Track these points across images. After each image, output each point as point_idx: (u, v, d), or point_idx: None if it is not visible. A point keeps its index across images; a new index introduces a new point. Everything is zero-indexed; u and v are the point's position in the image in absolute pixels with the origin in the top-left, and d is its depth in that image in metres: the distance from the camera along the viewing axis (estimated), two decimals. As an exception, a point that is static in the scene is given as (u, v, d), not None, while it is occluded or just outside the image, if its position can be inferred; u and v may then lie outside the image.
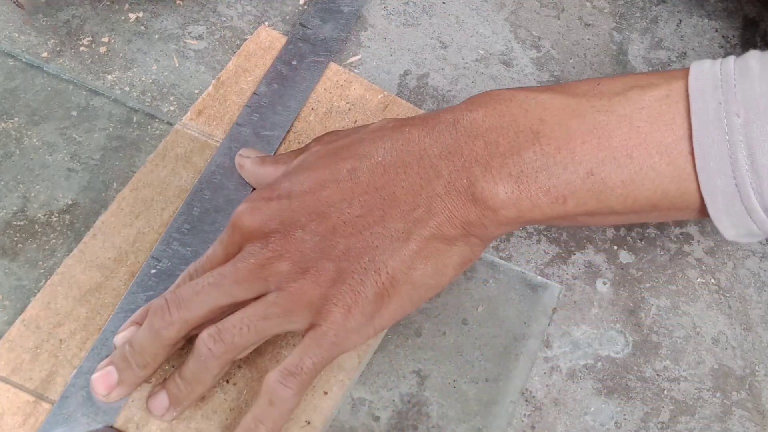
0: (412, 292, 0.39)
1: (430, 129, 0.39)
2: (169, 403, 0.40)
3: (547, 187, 0.37)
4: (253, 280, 0.39)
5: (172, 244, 0.46)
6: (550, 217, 0.38)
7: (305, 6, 0.58)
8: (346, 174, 0.40)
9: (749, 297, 0.50)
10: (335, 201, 0.39)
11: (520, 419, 0.45)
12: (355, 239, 0.38)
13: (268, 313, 0.39)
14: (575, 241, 0.51)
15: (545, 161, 0.37)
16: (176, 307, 0.39)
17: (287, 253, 0.39)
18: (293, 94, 0.53)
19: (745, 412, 0.46)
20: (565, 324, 0.48)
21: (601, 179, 0.37)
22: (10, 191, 0.48)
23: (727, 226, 0.37)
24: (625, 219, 0.39)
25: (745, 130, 0.35)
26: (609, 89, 0.38)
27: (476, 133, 0.38)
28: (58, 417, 0.41)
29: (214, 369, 0.39)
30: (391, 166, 0.39)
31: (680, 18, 0.61)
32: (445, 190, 0.38)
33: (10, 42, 0.53)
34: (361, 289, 0.38)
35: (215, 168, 0.49)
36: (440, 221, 0.38)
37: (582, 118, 0.37)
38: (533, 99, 0.38)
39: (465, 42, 0.58)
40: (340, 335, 0.38)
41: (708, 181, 0.36)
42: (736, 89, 0.35)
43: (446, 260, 0.39)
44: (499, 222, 0.38)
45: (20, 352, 0.42)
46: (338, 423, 0.44)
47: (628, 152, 0.36)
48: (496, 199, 0.37)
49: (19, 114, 0.50)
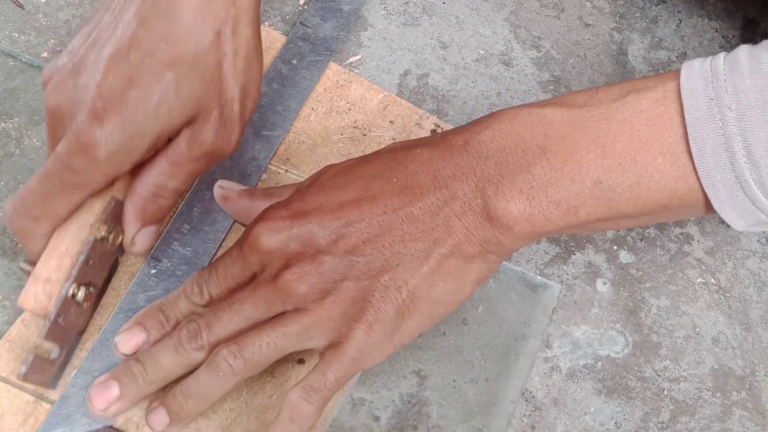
0: (432, 309, 0.40)
1: (442, 151, 0.40)
2: (170, 420, 0.40)
3: (557, 201, 0.37)
4: (274, 302, 0.39)
5: (172, 244, 0.46)
6: (564, 228, 0.39)
7: (305, 6, 0.58)
8: (363, 194, 0.40)
9: (749, 297, 0.50)
10: (354, 221, 0.39)
11: (520, 419, 0.45)
12: (374, 258, 0.39)
13: (288, 331, 0.39)
14: (575, 241, 0.51)
15: (553, 175, 0.37)
16: (207, 331, 0.40)
17: (307, 275, 0.39)
18: (293, 93, 0.53)
19: (745, 412, 0.46)
20: (565, 324, 0.48)
21: (608, 186, 0.37)
22: (10, 191, 0.48)
23: (735, 217, 0.37)
24: (638, 221, 0.40)
25: (739, 123, 0.35)
26: (607, 96, 0.38)
27: (487, 155, 0.39)
28: (58, 417, 0.41)
29: (229, 386, 0.40)
30: (408, 188, 0.40)
31: (680, 18, 0.61)
32: (461, 210, 0.39)
33: (10, 42, 0.53)
34: (382, 306, 0.39)
35: (215, 168, 0.49)
36: (458, 240, 0.39)
37: (584, 129, 0.38)
38: (536, 115, 0.39)
39: (465, 42, 0.58)
40: (362, 352, 0.39)
41: (708, 176, 0.36)
42: (727, 84, 0.36)
43: (465, 277, 0.40)
44: (515, 238, 0.39)
45: (20, 352, 0.42)
46: (338, 423, 0.44)
47: (631, 157, 0.37)
48: (509, 217, 0.38)
49: (19, 114, 0.50)
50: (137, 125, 0.39)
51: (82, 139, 0.38)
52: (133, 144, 0.39)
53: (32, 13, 0.55)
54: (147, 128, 0.39)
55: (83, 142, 0.38)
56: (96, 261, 0.42)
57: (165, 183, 0.42)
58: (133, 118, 0.38)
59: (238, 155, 0.50)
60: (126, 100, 0.38)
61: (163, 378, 0.41)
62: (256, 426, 0.42)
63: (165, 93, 0.39)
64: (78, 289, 0.41)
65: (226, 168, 0.49)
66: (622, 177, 0.37)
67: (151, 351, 0.41)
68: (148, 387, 0.40)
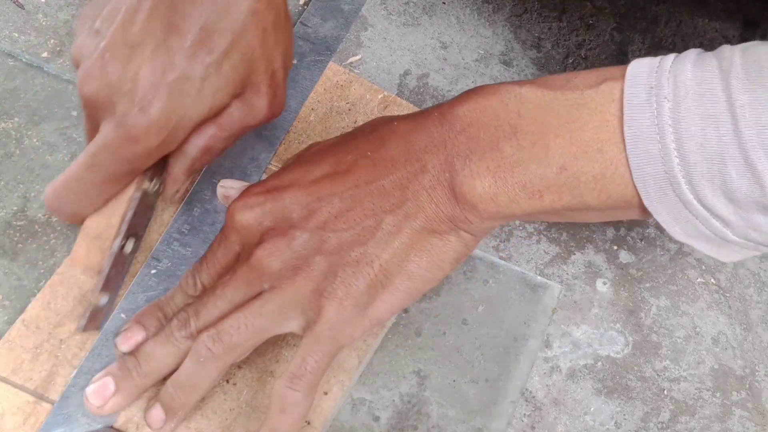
0: (409, 285, 0.39)
1: (418, 123, 0.39)
2: (165, 414, 0.41)
3: (523, 183, 0.36)
4: (252, 281, 0.39)
5: (172, 245, 0.46)
6: (531, 212, 0.37)
7: (305, 5, 0.58)
8: (336, 168, 0.40)
9: (749, 297, 0.50)
10: (325, 195, 0.39)
11: (520, 419, 0.45)
12: (346, 233, 0.39)
13: (264, 311, 0.39)
14: (575, 241, 0.51)
15: (521, 156, 0.36)
16: (195, 318, 0.40)
17: (278, 250, 0.39)
18: (293, 93, 0.53)
19: (745, 412, 0.46)
20: (565, 324, 0.48)
21: (573, 174, 0.36)
22: (10, 191, 0.48)
23: (668, 220, 0.35)
24: (608, 215, 0.38)
25: (673, 114, 0.33)
26: (583, 82, 0.37)
27: (459, 128, 0.38)
28: (58, 417, 0.41)
29: (213, 372, 0.39)
30: (380, 160, 0.39)
31: (680, 18, 0.61)
32: (430, 185, 0.38)
33: (10, 42, 0.53)
34: (353, 281, 0.38)
35: (216, 168, 0.49)
36: (428, 215, 0.38)
37: (556, 113, 0.36)
38: (513, 93, 0.38)
39: (465, 42, 0.58)
40: (335, 329, 0.39)
41: (638, 167, 0.34)
42: (670, 74, 0.34)
43: (441, 255, 0.39)
44: (481, 217, 0.38)
45: (20, 353, 0.42)
46: (338, 423, 0.44)
47: (598, 147, 0.35)
48: (473, 194, 0.37)
49: (19, 114, 0.50)
50: (184, 110, 0.40)
51: (132, 131, 0.39)
52: (182, 127, 0.41)
53: (32, 13, 0.55)
54: (194, 112, 0.40)
55: (132, 134, 0.39)
56: (140, 213, 0.44)
57: (214, 145, 0.43)
58: (179, 105, 0.40)
59: (238, 155, 0.50)
60: (169, 87, 0.39)
61: (157, 370, 0.40)
62: (256, 426, 0.42)
63: (208, 76, 0.40)
64: (126, 242, 0.43)
65: (226, 168, 0.49)
66: (587, 166, 0.35)
67: (144, 344, 0.41)
68: (143, 380, 0.40)
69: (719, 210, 0.34)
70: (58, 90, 0.52)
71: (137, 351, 0.41)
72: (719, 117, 0.33)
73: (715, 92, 0.33)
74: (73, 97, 0.51)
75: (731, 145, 0.32)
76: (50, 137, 0.50)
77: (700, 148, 0.33)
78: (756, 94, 0.32)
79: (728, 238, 0.35)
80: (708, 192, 0.33)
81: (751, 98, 0.32)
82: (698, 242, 0.36)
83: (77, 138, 0.50)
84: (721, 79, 0.33)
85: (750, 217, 0.34)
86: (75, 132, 0.50)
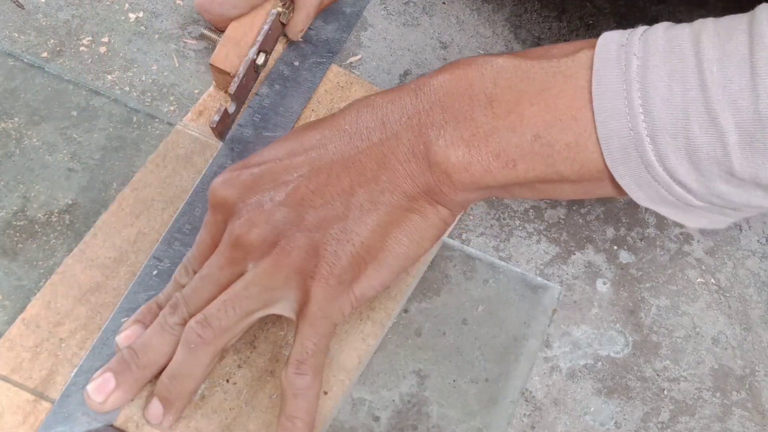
0: (391, 260, 0.39)
1: (393, 96, 0.39)
2: (163, 407, 0.40)
3: (497, 151, 0.36)
4: (234, 260, 0.39)
5: (173, 244, 0.46)
6: (505, 183, 0.37)
7: (305, 6, 0.58)
8: (314, 143, 0.40)
9: (749, 297, 0.50)
10: (304, 171, 0.39)
11: (520, 419, 0.45)
12: (324, 210, 0.38)
13: (249, 293, 0.39)
14: (575, 241, 0.51)
15: (495, 124, 0.36)
16: (185, 303, 0.40)
17: (256, 224, 0.39)
18: (295, 95, 0.53)
19: (745, 412, 0.46)
20: (565, 324, 0.48)
21: (547, 142, 0.36)
22: (10, 191, 0.48)
23: (631, 184, 0.35)
24: (581, 189, 0.38)
25: (641, 71, 0.33)
26: (561, 51, 0.37)
27: (435, 99, 0.38)
28: (58, 416, 0.41)
29: (206, 358, 0.39)
30: (357, 134, 0.39)
31: (680, 18, 0.61)
32: (405, 157, 0.38)
33: (10, 42, 0.53)
34: (335, 259, 0.38)
35: (217, 168, 0.49)
36: (405, 189, 0.38)
37: (532, 81, 0.36)
38: (489, 63, 0.38)
39: (465, 42, 0.58)
40: (325, 309, 0.39)
41: (603, 123, 0.34)
42: (642, 36, 0.34)
43: (421, 231, 0.39)
44: (455, 187, 0.38)
45: (20, 351, 0.42)
46: (338, 423, 0.44)
47: (573, 114, 0.35)
48: (448, 163, 0.37)
49: (19, 114, 0.50)
50: None
51: None
52: None
53: (32, 13, 0.55)
54: None
55: None
56: (272, 32, 0.50)
57: None
58: None
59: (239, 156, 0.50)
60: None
61: (155, 361, 0.40)
62: (256, 426, 0.42)
63: None
64: (259, 55, 0.49)
65: (226, 168, 0.49)
66: (561, 134, 0.35)
67: (141, 336, 0.41)
68: (141, 372, 0.40)
69: (681, 176, 0.34)
70: (58, 90, 0.52)
71: (135, 343, 0.41)
72: (686, 72, 0.33)
73: (684, 49, 0.33)
74: (73, 97, 0.51)
75: (696, 101, 0.32)
76: (50, 137, 0.50)
77: (665, 102, 0.33)
78: (724, 50, 0.32)
79: (692, 203, 0.35)
80: (670, 152, 0.33)
81: (719, 54, 0.32)
82: (663, 207, 0.36)
83: (77, 138, 0.50)
84: (691, 38, 0.33)
85: (712, 185, 0.34)
86: (75, 132, 0.50)
